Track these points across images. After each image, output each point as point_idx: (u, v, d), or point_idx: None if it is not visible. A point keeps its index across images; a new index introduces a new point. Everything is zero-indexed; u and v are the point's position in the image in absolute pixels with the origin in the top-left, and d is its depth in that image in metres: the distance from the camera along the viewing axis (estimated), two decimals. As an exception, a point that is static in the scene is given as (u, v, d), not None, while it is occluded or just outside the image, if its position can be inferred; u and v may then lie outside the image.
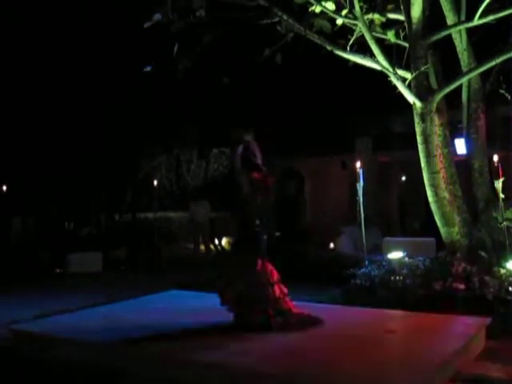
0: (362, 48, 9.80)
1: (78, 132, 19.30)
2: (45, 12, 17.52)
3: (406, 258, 9.94)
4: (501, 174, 9.82)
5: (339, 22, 9.65)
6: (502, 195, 9.82)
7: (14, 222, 18.86)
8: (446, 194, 9.65)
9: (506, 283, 8.37)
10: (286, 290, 7.72)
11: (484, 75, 10.41)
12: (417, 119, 9.73)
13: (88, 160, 19.58)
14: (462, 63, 10.26)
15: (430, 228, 11.34)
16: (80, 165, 19.77)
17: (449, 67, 10.53)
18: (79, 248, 16.21)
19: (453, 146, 10.62)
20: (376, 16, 9.82)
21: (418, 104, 9.60)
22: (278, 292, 7.57)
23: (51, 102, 19.04)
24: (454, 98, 10.46)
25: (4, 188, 19.51)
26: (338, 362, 5.87)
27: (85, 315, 8.55)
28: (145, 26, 9.40)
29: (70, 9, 17.23)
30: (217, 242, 18.74)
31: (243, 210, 7.87)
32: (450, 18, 9.90)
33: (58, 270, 15.44)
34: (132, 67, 11.92)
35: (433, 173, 9.64)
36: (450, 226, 9.70)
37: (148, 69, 9.81)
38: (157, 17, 9.29)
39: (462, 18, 9.83)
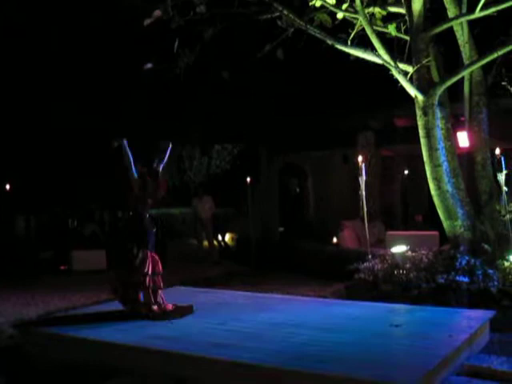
0: (363, 42, 9.78)
1: (81, 129, 19.32)
2: (46, 11, 17.52)
3: (410, 252, 9.93)
4: (503, 166, 9.81)
5: (340, 15, 9.63)
6: (504, 188, 9.80)
7: (17, 221, 18.89)
8: (449, 187, 9.63)
9: (510, 276, 8.38)
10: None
11: (486, 68, 10.38)
12: (419, 113, 9.71)
13: (91, 157, 19.59)
14: (463, 56, 10.24)
15: (433, 221, 11.34)
16: (83, 162, 19.79)
17: (450, 60, 10.51)
18: (83, 246, 16.23)
19: (455, 139, 10.58)
20: (377, 9, 9.81)
21: (420, 97, 9.58)
22: (151, 282, 7.97)
23: (54, 99, 19.06)
24: (456, 91, 10.44)
25: (7, 186, 19.54)
26: (338, 354, 5.87)
27: (88, 313, 8.55)
28: (145, 23, 9.39)
29: (69, 6, 17.21)
30: (220, 237, 18.75)
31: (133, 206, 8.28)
32: (451, 11, 9.87)
33: (62, 268, 15.45)
34: (133, 64, 11.90)
35: (435, 166, 9.63)
36: (453, 219, 9.69)
37: (149, 66, 9.80)
38: (156, 13, 9.28)
39: (464, 10, 9.81)
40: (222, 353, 6.07)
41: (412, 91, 9.65)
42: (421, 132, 9.74)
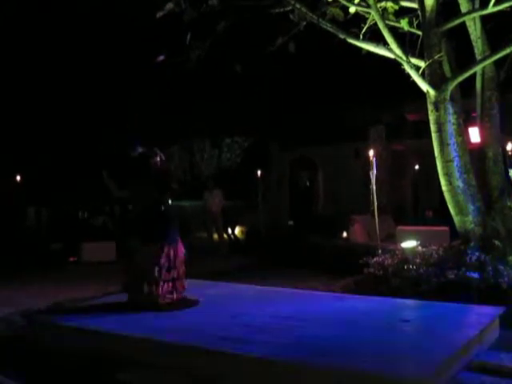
0: (375, 36, 9.75)
1: (92, 122, 19.38)
2: (59, 5, 17.57)
3: (420, 247, 9.92)
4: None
5: (352, 10, 9.61)
6: (516, 184, 9.78)
7: (28, 212, 18.99)
8: (460, 183, 9.60)
9: (521, 272, 8.35)
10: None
11: (498, 63, 10.33)
12: (430, 108, 9.68)
13: (102, 150, 19.65)
14: (476, 51, 10.19)
15: (444, 217, 11.32)
16: (94, 155, 19.85)
17: (463, 55, 10.47)
18: (93, 237, 16.30)
19: (467, 134, 10.55)
20: (389, 4, 9.78)
21: (432, 92, 9.55)
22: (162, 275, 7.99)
23: (65, 93, 19.12)
24: (467, 86, 10.40)
25: (18, 178, 19.63)
26: (348, 349, 5.88)
27: (98, 304, 8.59)
28: (157, 15, 9.40)
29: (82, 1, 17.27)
30: (229, 230, 18.78)
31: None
32: (464, 6, 9.83)
33: (72, 259, 15.54)
34: (146, 58, 11.93)
35: (446, 161, 9.60)
36: (463, 214, 9.66)
37: (161, 58, 9.82)
38: (169, 6, 9.30)
39: (476, 5, 9.77)
40: (231, 346, 6.09)
41: (424, 86, 9.61)
42: (432, 127, 9.71)
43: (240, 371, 5.81)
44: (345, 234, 15.57)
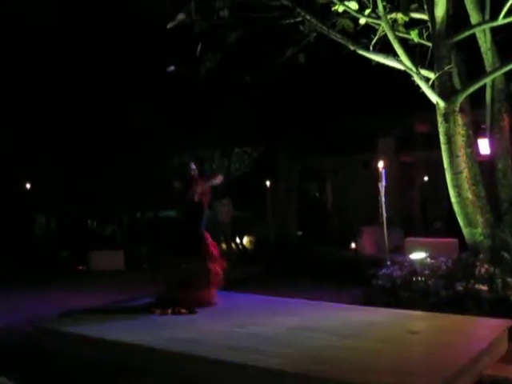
0: (385, 47, 9.77)
1: (101, 132, 19.44)
2: (71, 13, 17.67)
3: (429, 259, 9.89)
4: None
5: (362, 21, 9.64)
6: (525, 196, 9.74)
7: (37, 220, 19.06)
8: (469, 195, 9.58)
9: (530, 285, 8.31)
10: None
11: (508, 75, 10.31)
12: (440, 119, 9.67)
13: (111, 159, 19.70)
14: (485, 63, 10.18)
15: (453, 229, 11.28)
16: (103, 164, 19.90)
17: (473, 67, 10.46)
18: (102, 246, 16.34)
19: (476, 146, 10.52)
20: (399, 15, 9.79)
21: (442, 104, 9.55)
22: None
23: (75, 101, 19.20)
24: (477, 97, 10.39)
25: (28, 186, 19.72)
26: (356, 360, 5.87)
27: (106, 313, 8.61)
28: (168, 26, 9.45)
29: (95, 9, 17.35)
30: (238, 240, 18.78)
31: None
32: (474, 17, 9.83)
33: (80, 268, 15.58)
34: (156, 68, 11.99)
35: (456, 173, 9.58)
36: (472, 226, 9.63)
37: (171, 69, 9.87)
38: (180, 17, 9.34)
39: (486, 17, 9.77)
40: (238, 356, 6.09)
41: (433, 98, 9.61)
42: (442, 139, 9.70)
43: (246, 381, 5.80)
44: (353, 245, 15.55)
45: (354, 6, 9.27)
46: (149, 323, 7.76)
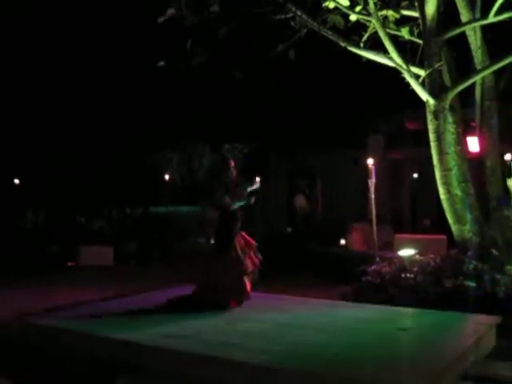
0: (376, 45, 9.79)
1: (90, 127, 19.38)
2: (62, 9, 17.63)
3: (417, 256, 9.93)
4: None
5: (353, 18, 9.65)
6: (514, 193, 9.79)
7: (26, 215, 18.97)
8: (458, 192, 9.62)
9: (518, 281, 8.36)
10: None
11: (498, 73, 10.36)
12: (430, 117, 9.70)
13: (100, 155, 19.65)
14: (475, 61, 10.22)
15: (442, 225, 11.32)
16: (92, 159, 19.85)
17: (463, 65, 10.49)
18: (91, 241, 16.27)
19: (465, 143, 10.57)
20: (390, 12, 9.82)
21: (432, 101, 9.57)
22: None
23: (64, 98, 19.14)
24: (467, 95, 10.43)
25: (16, 181, 19.63)
26: (345, 356, 5.88)
27: (94, 309, 8.58)
28: (158, 20, 9.43)
29: (85, 5, 17.30)
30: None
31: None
32: (465, 15, 9.86)
33: (69, 263, 15.50)
34: (146, 63, 11.96)
35: (445, 170, 9.62)
36: (461, 223, 9.68)
37: (161, 64, 9.84)
38: (170, 11, 9.32)
39: (477, 15, 9.80)
40: (229, 353, 6.08)
41: (424, 95, 9.64)
42: (431, 136, 9.73)
43: (237, 377, 5.80)
44: (343, 242, 15.55)
45: (344, 2, 9.30)
46: (139, 319, 7.73)
